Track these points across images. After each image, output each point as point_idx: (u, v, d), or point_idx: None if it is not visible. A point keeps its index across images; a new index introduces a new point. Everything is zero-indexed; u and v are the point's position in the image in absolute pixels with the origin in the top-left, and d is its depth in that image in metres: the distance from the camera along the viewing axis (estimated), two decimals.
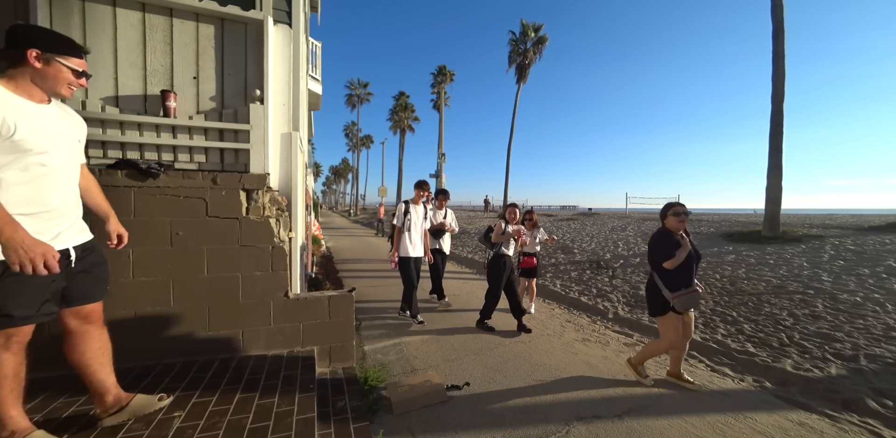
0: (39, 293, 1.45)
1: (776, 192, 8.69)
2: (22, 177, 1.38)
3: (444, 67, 32.98)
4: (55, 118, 1.51)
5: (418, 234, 4.34)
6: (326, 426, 2.07)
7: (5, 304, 1.37)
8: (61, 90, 1.47)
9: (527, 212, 5.05)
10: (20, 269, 1.26)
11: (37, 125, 1.40)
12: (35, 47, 1.38)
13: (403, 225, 4.24)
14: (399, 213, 4.33)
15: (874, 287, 4.71)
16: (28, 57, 1.37)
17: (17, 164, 1.36)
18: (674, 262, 2.62)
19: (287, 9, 3.11)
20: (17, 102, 1.37)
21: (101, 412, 1.75)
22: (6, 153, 1.34)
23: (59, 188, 1.51)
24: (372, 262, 8.99)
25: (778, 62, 8.97)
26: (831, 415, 2.48)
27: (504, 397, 2.63)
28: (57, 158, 1.47)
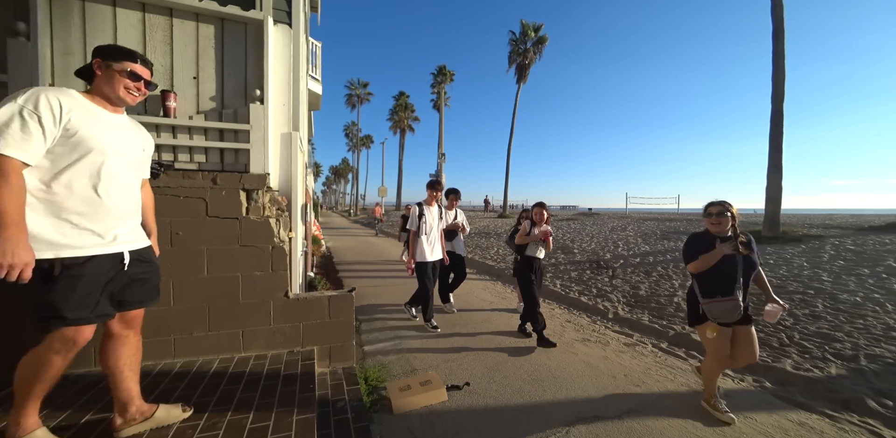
0: (94, 294, 1.49)
1: (776, 192, 8.70)
2: (84, 177, 1.46)
3: (444, 67, 33.01)
4: (123, 127, 1.63)
5: (435, 237, 4.17)
6: (326, 426, 2.07)
7: (59, 305, 1.40)
8: (122, 94, 1.58)
9: (524, 211, 5.05)
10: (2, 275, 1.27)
11: (103, 130, 1.51)
12: (98, 57, 1.55)
13: (419, 229, 4.06)
14: (413, 216, 4.12)
15: (874, 287, 4.71)
16: (94, 66, 1.55)
17: (81, 164, 1.44)
18: (696, 266, 2.41)
19: (287, 9, 3.11)
20: (89, 108, 1.50)
21: (122, 422, 1.69)
22: (72, 152, 1.42)
23: (119, 192, 1.58)
24: (372, 262, 8.99)
25: (778, 62, 8.97)
26: (831, 415, 2.48)
27: (504, 397, 2.63)
28: (117, 163, 1.56)
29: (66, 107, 1.40)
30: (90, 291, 1.48)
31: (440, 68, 33.08)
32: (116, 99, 1.59)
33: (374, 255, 10.30)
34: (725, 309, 2.30)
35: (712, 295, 2.35)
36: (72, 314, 1.43)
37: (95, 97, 1.56)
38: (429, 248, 4.07)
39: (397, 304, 5.09)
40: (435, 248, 4.14)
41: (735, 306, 2.29)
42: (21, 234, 1.29)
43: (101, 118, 1.53)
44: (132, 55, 1.60)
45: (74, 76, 1.64)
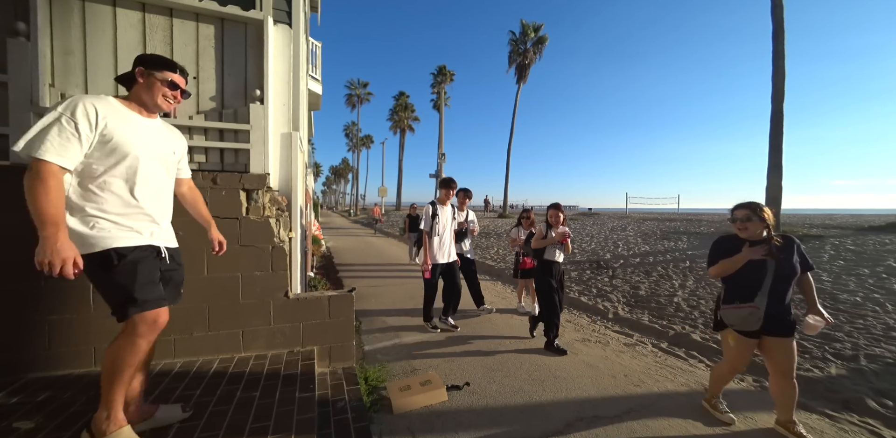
0: (154, 277, 1.61)
1: (776, 192, 8.70)
2: (120, 180, 1.54)
3: (444, 67, 33.02)
4: (157, 131, 1.70)
5: (449, 238, 4.03)
6: (326, 426, 2.07)
7: (129, 289, 1.51)
8: (160, 101, 1.66)
9: (524, 211, 5.04)
10: (40, 267, 1.33)
11: (137, 135, 1.57)
12: (140, 66, 1.62)
13: (433, 230, 3.91)
14: (426, 216, 3.95)
15: (874, 287, 4.71)
16: (136, 74, 1.62)
17: (119, 167, 1.52)
18: (715, 270, 2.30)
19: (287, 9, 3.11)
20: (124, 114, 1.56)
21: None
22: (108, 156, 1.50)
23: (153, 194, 1.65)
24: (372, 262, 8.99)
25: (778, 62, 8.98)
26: (831, 415, 2.48)
27: (504, 397, 2.63)
28: (151, 167, 1.63)
29: (102, 113, 1.47)
30: (150, 274, 1.59)
31: (440, 68, 33.09)
32: (154, 106, 1.67)
33: (374, 255, 10.30)
34: (740, 316, 2.18)
35: (731, 301, 2.24)
36: (142, 296, 1.53)
37: (132, 103, 1.63)
38: (441, 249, 3.96)
39: (397, 304, 5.10)
40: (448, 249, 4.02)
41: (751, 313, 2.14)
42: (59, 232, 1.35)
43: (136, 123, 1.59)
44: (172, 65, 1.68)
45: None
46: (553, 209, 3.68)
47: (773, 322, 2.15)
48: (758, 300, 2.15)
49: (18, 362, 2.20)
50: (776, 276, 2.15)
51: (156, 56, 1.69)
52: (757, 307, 2.14)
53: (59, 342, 2.26)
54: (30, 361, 2.22)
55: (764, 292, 2.15)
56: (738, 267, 2.22)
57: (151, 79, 1.63)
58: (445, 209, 4.06)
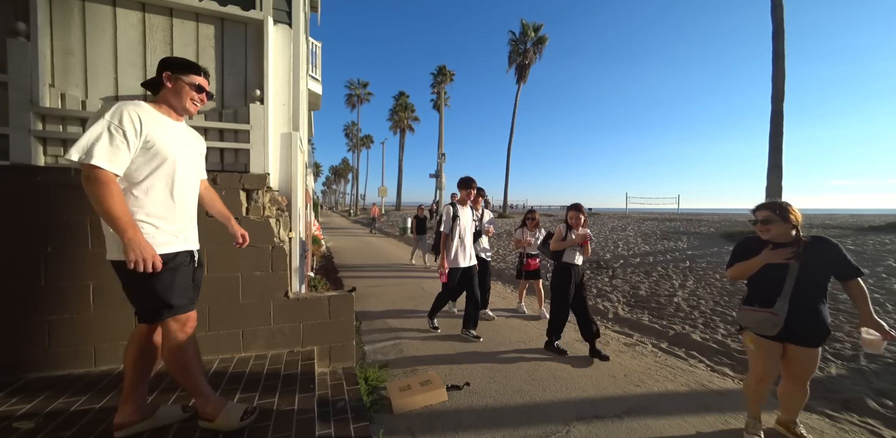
0: (188, 283, 1.71)
1: (776, 192, 8.71)
2: (162, 184, 1.61)
3: (444, 67, 33.03)
4: (185, 134, 1.76)
5: (470, 240, 3.83)
6: (326, 426, 2.07)
7: (166, 295, 1.60)
8: (188, 105, 1.71)
9: (529, 211, 5.00)
10: (134, 266, 1.45)
11: (172, 139, 1.64)
12: (167, 70, 1.66)
13: (452, 231, 3.73)
14: (447, 217, 3.78)
15: (874, 287, 4.71)
16: (164, 79, 1.65)
17: (159, 171, 1.59)
18: (732, 272, 2.20)
19: (287, 9, 3.11)
20: (160, 119, 1.62)
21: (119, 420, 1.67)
22: (150, 161, 1.57)
23: (188, 195, 1.74)
24: (372, 262, 8.99)
25: (778, 62, 8.98)
26: (831, 415, 2.48)
27: (504, 397, 2.63)
28: (185, 169, 1.70)
29: (144, 120, 1.53)
30: (184, 281, 1.68)
31: (440, 68, 33.10)
32: (182, 110, 1.72)
33: (375, 255, 10.30)
34: (756, 320, 2.06)
35: (751, 303, 2.13)
36: (177, 301, 1.63)
37: (162, 107, 1.67)
38: (462, 252, 3.75)
39: (397, 304, 5.10)
40: (468, 252, 3.80)
41: (767, 319, 2.02)
42: (138, 233, 1.47)
43: (169, 128, 1.66)
44: (198, 69, 1.72)
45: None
46: (574, 210, 3.52)
47: (797, 331, 2.01)
48: (777, 306, 2.01)
49: (18, 362, 2.20)
50: (799, 281, 2.00)
51: (181, 59, 1.72)
52: (775, 314, 2.01)
53: (59, 342, 2.26)
54: (30, 361, 2.22)
55: (785, 297, 2.01)
56: (754, 271, 2.10)
57: (179, 83, 1.67)
58: (466, 210, 3.88)
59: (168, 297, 1.60)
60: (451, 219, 3.74)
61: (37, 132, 2.37)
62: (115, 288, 2.34)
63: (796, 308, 2.01)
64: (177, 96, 1.67)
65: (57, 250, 2.24)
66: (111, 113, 1.46)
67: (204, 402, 1.71)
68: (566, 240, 3.46)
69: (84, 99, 2.53)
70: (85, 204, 2.27)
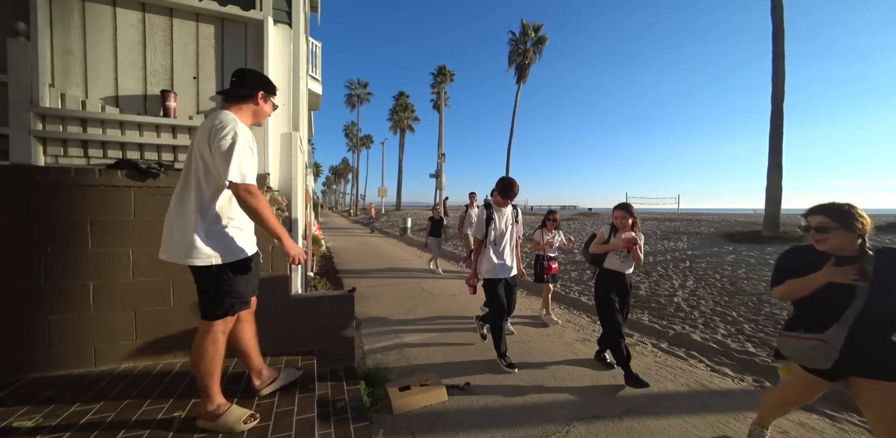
0: (256, 283, 1.93)
1: (776, 192, 8.70)
2: None
3: (444, 67, 33.02)
4: None
5: (509, 248, 3.25)
6: (326, 426, 2.07)
7: (243, 292, 1.80)
8: (262, 121, 1.95)
9: (549, 212, 4.56)
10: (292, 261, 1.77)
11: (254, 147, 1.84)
12: (263, 90, 1.84)
13: (486, 237, 3.18)
14: (479, 220, 3.24)
15: None
16: (258, 97, 1.83)
17: None
18: (781, 291, 1.81)
19: (287, 9, 3.11)
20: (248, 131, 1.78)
21: (260, 383, 2.08)
22: None
23: None
24: (372, 262, 8.99)
25: (778, 62, 8.98)
26: (831, 415, 2.48)
27: (504, 397, 2.63)
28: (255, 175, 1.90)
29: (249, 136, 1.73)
30: (255, 280, 1.90)
31: (440, 68, 33.09)
32: (258, 123, 1.94)
33: (374, 255, 10.30)
34: (800, 349, 1.72)
35: (795, 327, 1.78)
36: (248, 298, 1.85)
37: (243, 118, 1.82)
38: (500, 261, 3.17)
39: (397, 303, 5.10)
40: (507, 261, 3.21)
41: (814, 348, 1.66)
42: (287, 234, 1.75)
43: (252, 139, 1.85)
44: (276, 90, 1.95)
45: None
46: (621, 210, 3.05)
47: (863, 361, 1.63)
48: (831, 332, 1.64)
49: (18, 362, 2.20)
50: (869, 306, 1.60)
51: (268, 80, 1.92)
52: (825, 342, 1.64)
53: (59, 342, 2.26)
54: (30, 361, 2.22)
55: (844, 323, 1.63)
56: (811, 290, 1.71)
57: (269, 104, 1.90)
58: (504, 212, 3.24)
59: (244, 293, 1.81)
60: (485, 222, 3.19)
61: (37, 132, 2.37)
62: (115, 288, 2.35)
63: (858, 337, 1.62)
64: (261, 113, 1.89)
65: (57, 250, 2.24)
66: (238, 134, 1.64)
67: (209, 402, 1.75)
68: (609, 243, 3.07)
69: (84, 99, 2.53)
70: (85, 204, 2.28)
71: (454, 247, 10.79)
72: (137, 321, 2.40)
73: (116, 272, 2.34)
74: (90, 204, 2.28)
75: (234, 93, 1.81)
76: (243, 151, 1.63)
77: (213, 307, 1.74)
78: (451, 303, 5.19)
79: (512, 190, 3.12)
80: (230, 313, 1.77)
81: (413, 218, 19.63)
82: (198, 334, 1.74)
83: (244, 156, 1.63)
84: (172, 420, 1.81)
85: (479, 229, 3.21)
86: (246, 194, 1.62)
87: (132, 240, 2.37)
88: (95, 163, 2.55)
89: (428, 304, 5.14)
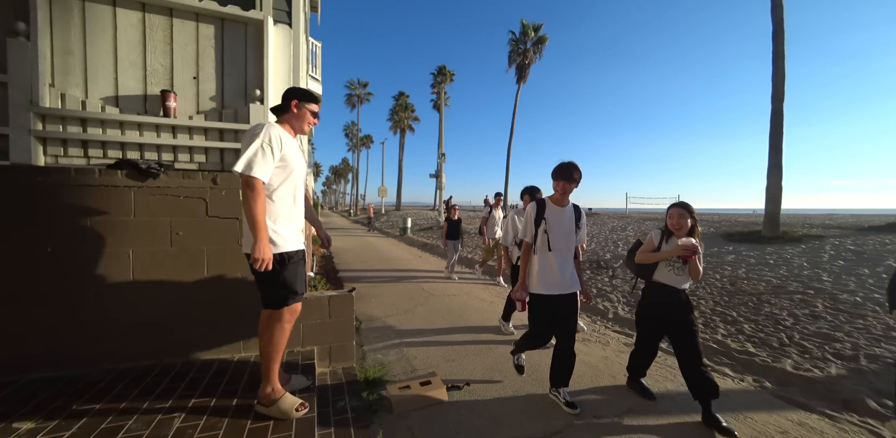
0: (304, 277, 2.05)
1: (776, 192, 8.70)
2: (287, 190, 1.94)
3: (444, 67, 33.02)
4: (299, 149, 2.06)
5: (567, 257, 2.52)
6: (326, 426, 2.07)
7: (293, 284, 1.94)
8: (305, 127, 2.06)
9: None
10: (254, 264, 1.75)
11: (295, 153, 1.97)
12: (295, 99, 1.99)
13: (537, 241, 2.50)
14: (527, 219, 2.57)
15: (874, 287, 4.71)
16: (291, 106, 1.99)
17: (288, 181, 1.93)
18: None
19: (287, 9, 3.11)
20: (289, 138, 1.95)
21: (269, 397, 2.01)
22: (282, 172, 1.90)
23: (301, 201, 2.07)
24: (372, 262, 8.99)
25: (778, 62, 8.97)
26: (831, 415, 2.48)
27: (504, 397, 2.63)
28: (301, 178, 2.04)
29: (283, 140, 1.88)
30: (302, 274, 2.04)
31: (440, 68, 33.09)
32: (300, 131, 2.07)
33: (374, 255, 10.30)
34: None
35: None
36: (300, 289, 1.99)
37: (285, 126, 1.99)
38: (553, 274, 2.46)
39: (397, 303, 5.10)
40: (563, 274, 2.48)
41: None
42: (266, 237, 1.77)
43: (292, 144, 1.97)
44: (315, 98, 2.07)
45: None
46: (678, 209, 2.50)
47: None
48: None
49: (18, 362, 2.20)
50: None
51: (304, 90, 2.06)
52: None
53: (59, 342, 2.26)
54: (30, 361, 2.22)
55: None
56: None
57: (303, 110, 2.01)
58: (563, 213, 2.52)
59: (294, 285, 1.95)
60: (535, 222, 2.51)
61: (37, 132, 2.38)
62: (115, 288, 2.35)
63: None
64: (299, 120, 2.02)
65: (57, 250, 2.24)
66: (263, 133, 1.79)
67: (268, 387, 1.89)
68: (660, 251, 2.51)
69: (84, 99, 2.53)
70: (85, 204, 2.27)
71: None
72: (136, 321, 2.40)
73: (116, 272, 2.34)
74: (90, 204, 2.28)
75: (275, 108, 2.06)
76: (260, 150, 1.77)
77: (269, 294, 1.90)
78: (451, 303, 5.19)
79: (572, 175, 2.42)
80: (284, 303, 1.90)
81: (413, 218, 19.63)
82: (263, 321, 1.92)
83: (258, 153, 1.77)
84: (172, 419, 1.81)
85: (527, 229, 2.57)
86: (244, 185, 1.76)
87: (132, 240, 2.37)
88: (95, 163, 2.55)
89: (428, 304, 5.14)
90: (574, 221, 2.55)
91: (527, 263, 2.57)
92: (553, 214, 2.51)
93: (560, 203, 2.54)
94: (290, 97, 2.01)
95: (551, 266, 2.47)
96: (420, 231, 16.24)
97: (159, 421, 1.79)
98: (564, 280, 2.48)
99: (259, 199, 1.76)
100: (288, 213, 1.94)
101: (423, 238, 13.69)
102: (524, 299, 2.58)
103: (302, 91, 2.05)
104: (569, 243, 2.52)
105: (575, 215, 2.56)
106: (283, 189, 1.92)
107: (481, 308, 4.94)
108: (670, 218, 2.52)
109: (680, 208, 2.50)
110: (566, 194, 2.51)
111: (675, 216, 2.49)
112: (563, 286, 2.47)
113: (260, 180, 1.77)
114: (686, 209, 2.49)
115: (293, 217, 1.98)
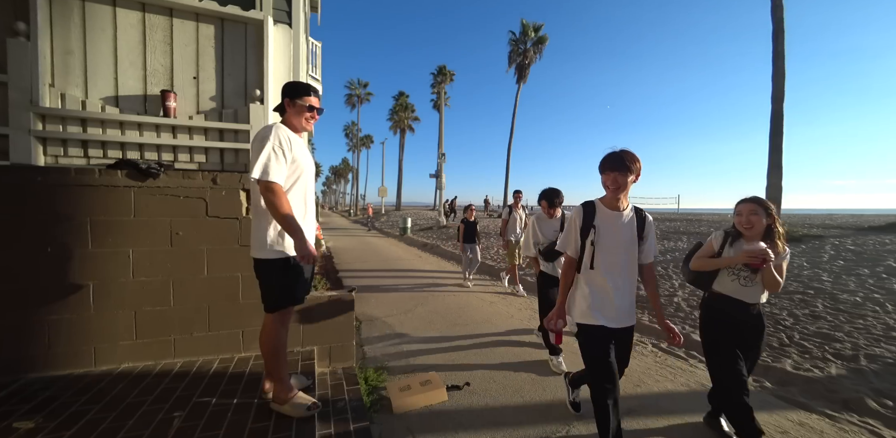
0: (308, 280, 2.06)
1: (776, 192, 8.70)
2: (298, 191, 1.93)
3: (444, 67, 33.03)
4: (305, 147, 2.02)
5: (622, 276, 1.89)
6: (326, 426, 2.07)
7: (294, 289, 1.93)
8: (304, 122, 2.00)
9: None
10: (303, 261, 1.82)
11: (304, 154, 1.96)
12: (286, 97, 1.95)
13: (583, 255, 1.92)
14: (569, 227, 2.00)
15: (874, 287, 4.70)
16: (285, 104, 1.96)
17: (299, 181, 1.93)
18: None
19: (287, 9, 3.12)
20: (294, 137, 1.92)
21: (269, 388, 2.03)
22: (293, 173, 1.89)
23: (311, 201, 2.06)
24: (372, 262, 8.99)
25: (778, 62, 8.97)
26: (831, 415, 2.47)
27: (504, 397, 2.63)
28: (311, 177, 2.03)
29: (291, 140, 1.87)
30: (306, 278, 2.03)
31: (440, 68, 33.09)
32: (301, 128, 2.02)
33: (374, 255, 10.31)
34: None
35: None
36: (300, 294, 1.98)
37: (288, 126, 1.96)
38: (608, 298, 1.88)
39: (397, 303, 5.10)
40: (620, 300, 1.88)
41: None
42: (303, 234, 1.80)
43: (300, 144, 1.95)
44: (308, 90, 1.98)
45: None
46: (751, 204, 1.99)
47: None
48: None
49: (18, 362, 2.20)
50: None
51: (294, 85, 2.00)
52: None
53: (59, 342, 2.26)
54: (30, 361, 2.22)
55: None
56: None
57: (296, 106, 1.95)
58: (619, 219, 1.89)
59: (293, 289, 1.93)
60: (580, 231, 1.92)
61: (37, 132, 2.38)
62: (115, 288, 2.35)
63: None
64: (297, 117, 1.97)
65: (57, 250, 2.24)
66: (272, 137, 1.78)
67: (280, 386, 1.91)
68: (722, 256, 2.04)
69: (84, 99, 2.53)
70: (85, 204, 2.27)
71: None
72: (137, 321, 2.40)
73: (116, 272, 2.34)
74: (90, 204, 2.28)
75: (277, 108, 2.03)
76: (272, 153, 1.77)
77: (272, 298, 1.91)
78: (451, 303, 5.19)
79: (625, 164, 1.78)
80: (279, 307, 1.90)
81: (413, 218, 19.63)
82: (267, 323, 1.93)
83: (271, 157, 1.76)
84: (172, 419, 1.81)
85: (567, 241, 2.00)
86: (265, 191, 1.75)
87: (132, 240, 2.37)
88: (95, 163, 2.55)
89: (428, 304, 5.14)
90: (636, 230, 1.90)
91: (568, 284, 2.01)
92: (604, 219, 1.89)
93: (614, 206, 1.90)
94: (282, 96, 1.97)
95: (603, 289, 1.88)
96: (420, 231, 16.24)
97: (159, 421, 1.80)
98: (621, 310, 1.88)
99: (283, 201, 1.77)
100: (299, 214, 1.91)
101: (423, 238, 13.68)
102: (560, 330, 2.08)
103: (292, 86, 2.00)
104: (628, 260, 1.89)
105: (637, 223, 1.90)
106: (294, 190, 1.90)
107: (482, 308, 4.94)
108: (738, 216, 2.01)
109: (752, 204, 1.98)
110: (619, 192, 1.84)
111: (745, 214, 1.98)
112: (615, 319, 1.87)
113: (279, 183, 1.77)
114: (760, 205, 1.97)
115: (303, 218, 1.95)
